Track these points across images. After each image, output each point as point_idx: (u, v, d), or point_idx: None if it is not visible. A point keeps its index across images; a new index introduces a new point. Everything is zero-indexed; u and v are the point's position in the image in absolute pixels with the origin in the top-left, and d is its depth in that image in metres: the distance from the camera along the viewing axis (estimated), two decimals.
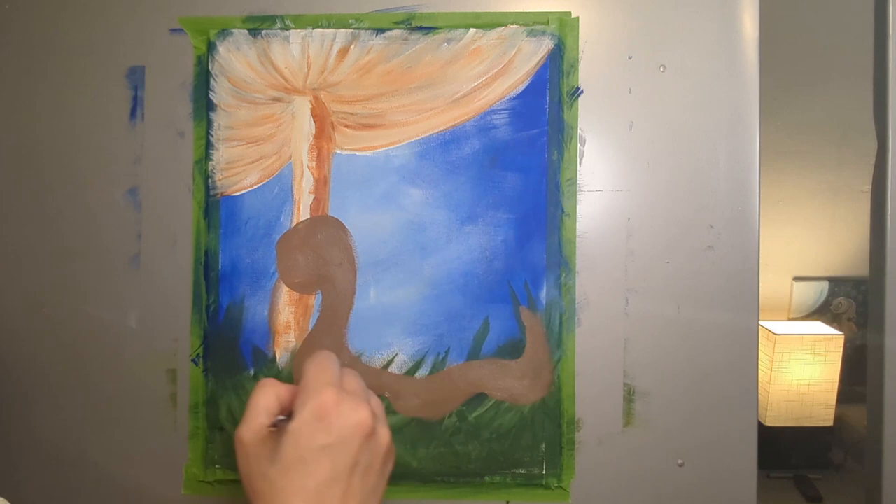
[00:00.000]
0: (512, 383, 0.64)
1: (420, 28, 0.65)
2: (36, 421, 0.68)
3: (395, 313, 0.65)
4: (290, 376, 0.65)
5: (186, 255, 0.66)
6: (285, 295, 0.65)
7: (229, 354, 0.66)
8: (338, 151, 0.65)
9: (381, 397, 0.65)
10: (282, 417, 0.40)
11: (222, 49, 0.66)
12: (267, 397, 0.40)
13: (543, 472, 0.64)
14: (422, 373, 0.65)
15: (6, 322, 0.68)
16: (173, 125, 0.66)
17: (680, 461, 0.64)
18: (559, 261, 0.64)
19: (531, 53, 0.64)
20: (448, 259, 0.64)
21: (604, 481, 0.64)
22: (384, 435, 0.40)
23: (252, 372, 0.66)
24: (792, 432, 1.43)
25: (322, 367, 0.40)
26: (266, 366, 0.66)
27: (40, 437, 0.68)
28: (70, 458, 0.67)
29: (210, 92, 0.66)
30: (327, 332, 0.65)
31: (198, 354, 0.66)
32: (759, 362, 1.04)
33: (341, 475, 0.37)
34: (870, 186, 0.65)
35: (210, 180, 0.66)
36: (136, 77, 0.67)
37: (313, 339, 0.65)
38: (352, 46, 0.65)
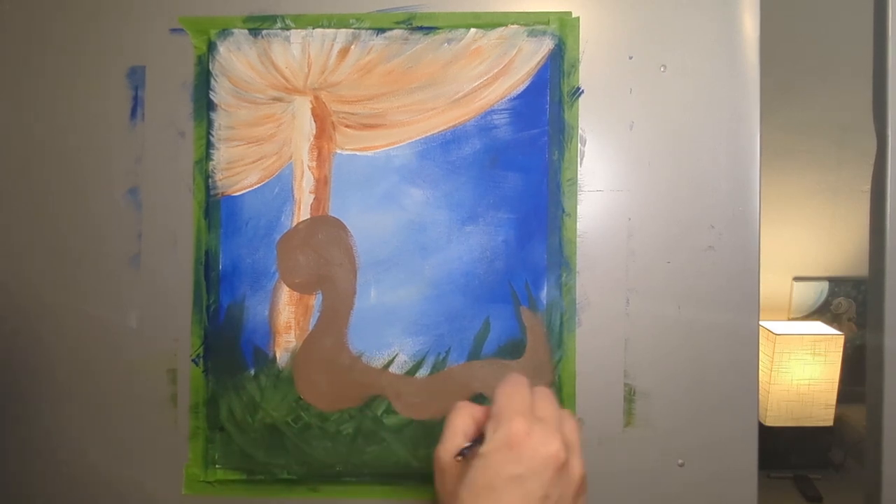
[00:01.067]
0: None
1: (421, 28, 0.65)
2: (36, 421, 0.68)
3: (395, 313, 0.65)
4: (290, 376, 0.65)
5: (187, 255, 0.66)
6: (286, 295, 0.65)
7: (230, 354, 0.66)
8: (338, 151, 0.65)
9: (381, 397, 0.65)
10: (468, 444, 0.40)
11: (223, 49, 0.66)
12: (464, 418, 0.41)
13: None
14: (422, 373, 0.65)
15: (6, 322, 0.68)
16: (174, 125, 0.66)
17: (680, 461, 0.64)
18: (560, 261, 0.64)
19: (532, 53, 0.64)
20: (449, 259, 0.64)
21: (604, 481, 0.64)
22: (577, 467, 0.39)
23: (252, 372, 0.66)
24: (792, 432, 1.43)
25: (513, 392, 0.40)
26: (266, 366, 0.66)
27: (40, 436, 0.67)
28: (70, 458, 0.67)
29: (210, 92, 0.66)
30: (328, 332, 0.65)
31: (198, 354, 0.66)
32: (760, 362, 1.03)
33: None
34: (870, 186, 0.65)
35: (210, 180, 0.66)
36: (136, 77, 0.67)
37: (314, 339, 0.65)
38: (352, 46, 0.65)
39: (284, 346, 0.66)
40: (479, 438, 0.40)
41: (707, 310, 0.63)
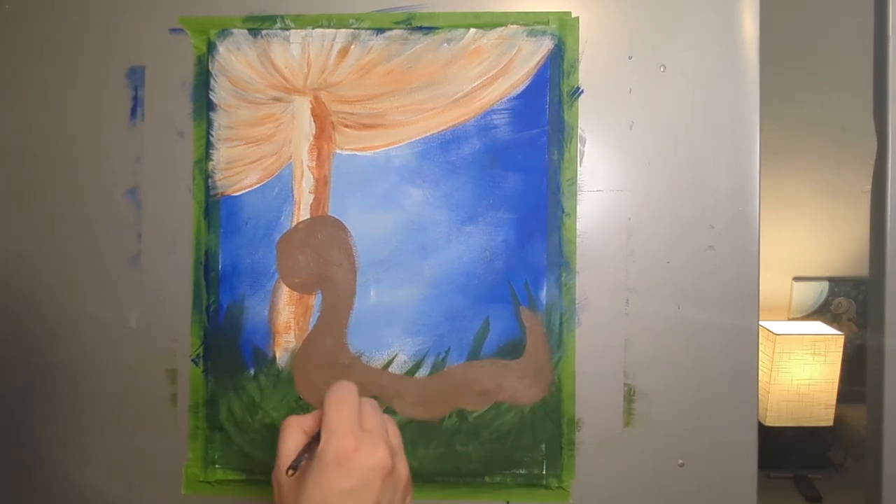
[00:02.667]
0: (512, 383, 0.64)
1: (420, 28, 0.65)
2: (36, 421, 0.68)
3: (395, 313, 0.65)
4: (290, 376, 0.65)
5: (186, 255, 0.66)
6: (285, 295, 0.65)
7: (229, 354, 0.66)
8: (338, 151, 0.65)
9: (379, 398, 0.65)
10: (297, 457, 0.42)
11: (222, 49, 0.66)
12: (294, 437, 0.43)
13: (544, 472, 0.64)
14: (422, 373, 0.65)
15: (5, 322, 0.68)
16: (173, 125, 0.66)
17: (680, 461, 0.64)
18: (559, 261, 0.64)
19: (531, 53, 0.64)
20: (448, 259, 0.64)
21: (604, 481, 0.64)
22: (402, 468, 0.42)
23: (252, 372, 0.66)
24: (792, 432, 1.43)
25: (342, 405, 0.42)
26: (266, 366, 0.66)
27: (40, 436, 0.67)
28: (70, 458, 0.67)
29: (210, 92, 0.66)
30: (327, 333, 0.65)
31: (198, 354, 0.66)
32: (760, 362, 1.03)
33: None
34: (870, 186, 0.65)
35: (210, 180, 0.66)
36: (136, 77, 0.67)
37: (313, 339, 0.65)
38: (352, 46, 0.65)
39: (284, 346, 0.66)
40: (305, 449, 0.42)
41: (707, 310, 0.63)
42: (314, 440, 0.43)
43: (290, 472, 0.41)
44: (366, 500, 0.39)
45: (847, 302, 1.59)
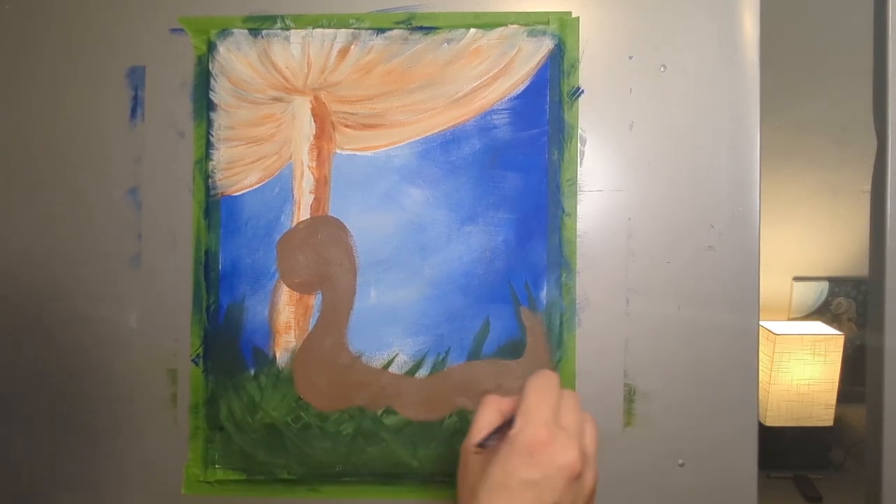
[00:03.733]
0: (512, 383, 0.64)
1: (420, 28, 0.65)
2: (35, 421, 0.67)
3: (395, 313, 0.65)
4: (290, 376, 0.65)
5: (186, 255, 0.66)
6: (286, 295, 0.65)
7: (229, 354, 0.66)
8: (338, 151, 0.65)
9: (379, 398, 0.65)
10: (486, 436, 0.41)
11: (223, 49, 0.66)
12: (490, 412, 0.43)
13: None
14: (422, 373, 0.65)
15: (6, 322, 0.68)
16: (173, 125, 0.66)
17: (681, 461, 0.64)
18: (560, 261, 0.64)
19: (531, 53, 0.64)
20: (448, 259, 0.64)
21: (604, 481, 0.63)
22: (590, 478, 0.41)
23: (252, 372, 0.66)
24: (792, 432, 1.43)
25: (543, 394, 0.41)
26: (266, 366, 0.66)
27: (40, 436, 0.67)
28: (70, 458, 0.67)
29: (210, 92, 0.66)
30: (327, 333, 0.65)
31: (198, 354, 0.66)
32: (760, 362, 1.03)
33: None
34: (870, 186, 0.65)
35: (210, 180, 0.66)
36: (136, 77, 0.67)
37: (313, 339, 0.65)
38: (352, 46, 0.65)
39: (284, 346, 0.66)
40: (497, 431, 0.41)
41: (707, 310, 0.63)
42: (507, 424, 0.42)
43: (477, 449, 0.40)
44: (547, 497, 0.38)
45: (847, 302, 1.59)
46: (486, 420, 0.42)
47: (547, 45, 0.64)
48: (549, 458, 0.38)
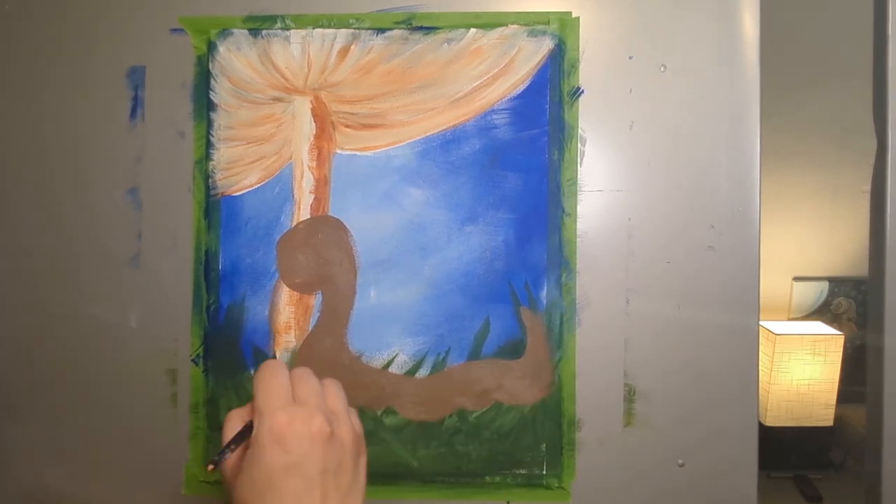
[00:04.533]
0: (512, 383, 0.64)
1: (420, 28, 0.65)
2: (35, 421, 0.67)
3: (395, 313, 0.65)
4: None
5: (186, 255, 0.66)
6: (286, 295, 0.65)
7: (230, 354, 0.66)
8: (338, 151, 0.65)
9: (379, 398, 0.65)
10: (225, 447, 0.41)
11: (223, 49, 0.66)
12: (234, 424, 0.42)
13: (544, 472, 0.64)
14: (422, 373, 0.65)
15: (6, 322, 0.68)
16: (173, 125, 0.66)
17: (680, 461, 0.64)
18: (560, 261, 0.64)
19: (532, 53, 0.64)
20: (448, 259, 0.64)
21: (604, 481, 0.64)
22: (345, 432, 0.41)
23: (252, 372, 0.66)
24: (792, 432, 1.43)
25: (269, 384, 0.41)
26: None
27: (39, 437, 0.67)
28: (70, 458, 0.67)
29: (210, 92, 0.66)
30: (327, 333, 0.65)
31: (198, 354, 0.66)
32: (759, 362, 1.03)
33: (313, 485, 0.38)
34: (870, 186, 0.65)
35: (210, 180, 0.66)
36: (136, 77, 0.67)
37: (313, 339, 0.65)
38: (352, 46, 0.65)
39: (284, 346, 0.66)
40: (237, 436, 0.41)
41: (707, 310, 0.63)
42: (247, 428, 0.42)
43: (211, 467, 0.40)
44: (311, 471, 0.38)
45: (847, 302, 1.59)
46: (227, 431, 0.42)
47: (547, 45, 0.64)
48: (295, 435, 0.38)
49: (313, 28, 0.65)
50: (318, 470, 0.38)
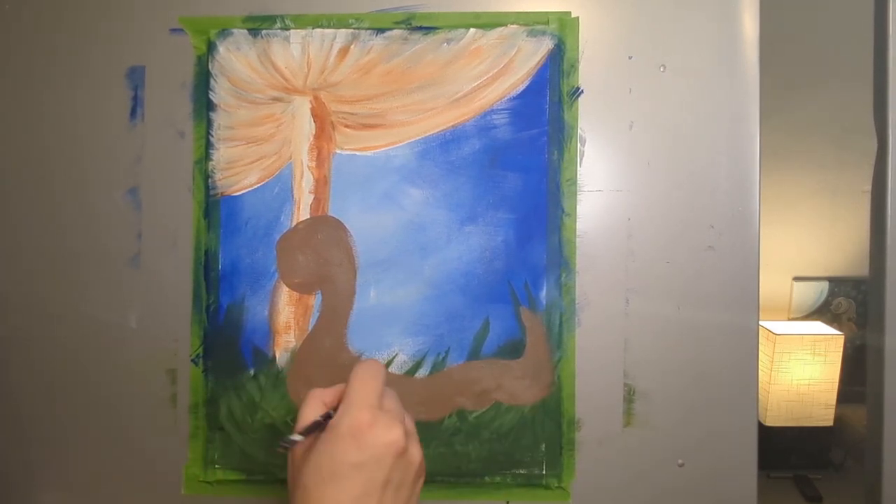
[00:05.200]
0: (512, 383, 0.64)
1: (420, 28, 0.65)
2: (35, 421, 0.67)
3: (395, 313, 0.65)
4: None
5: (186, 255, 0.66)
6: (285, 295, 0.65)
7: (229, 354, 0.66)
8: (338, 151, 0.65)
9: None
10: (319, 419, 0.41)
11: (222, 49, 0.66)
12: (315, 407, 0.43)
13: (544, 472, 0.64)
14: (422, 373, 0.65)
15: (6, 322, 0.68)
16: (173, 125, 0.66)
17: (680, 461, 0.64)
18: (559, 261, 0.64)
19: (531, 53, 0.64)
20: (448, 259, 0.64)
21: (604, 481, 0.64)
22: (416, 453, 0.42)
23: (252, 372, 0.66)
24: (792, 432, 1.43)
25: (366, 381, 0.42)
26: (266, 366, 0.66)
27: (39, 437, 0.67)
28: (70, 458, 0.67)
29: (210, 92, 0.66)
30: (327, 333, 0.65)
31: (198, 354, 0.66)
32: (759, 362, 1.03)
33: (374, 491, 0.39)
34: (870, 186, 0.65)
35: (210, 180, 0.66)
36: (136, 77, 0.67)
37: (313, 339, 0.65)
38: (352, 46, 0.65)
39: (284, 346, 0.66)
40: (314, 425, 0.41)
41: (707, 310, 0.63)
42: (325, 418, 0.42)
43: (284, 447, 0.40)
44: (376, 476, 0.39)
45: (847, 302, 1.59)
46: (310, 413, 0.43)
47: (547, 45, 0.64)
48: (373, 438, 0.39)
49: (313, 28, 0.65)
50: (383, 479, 0.39)
